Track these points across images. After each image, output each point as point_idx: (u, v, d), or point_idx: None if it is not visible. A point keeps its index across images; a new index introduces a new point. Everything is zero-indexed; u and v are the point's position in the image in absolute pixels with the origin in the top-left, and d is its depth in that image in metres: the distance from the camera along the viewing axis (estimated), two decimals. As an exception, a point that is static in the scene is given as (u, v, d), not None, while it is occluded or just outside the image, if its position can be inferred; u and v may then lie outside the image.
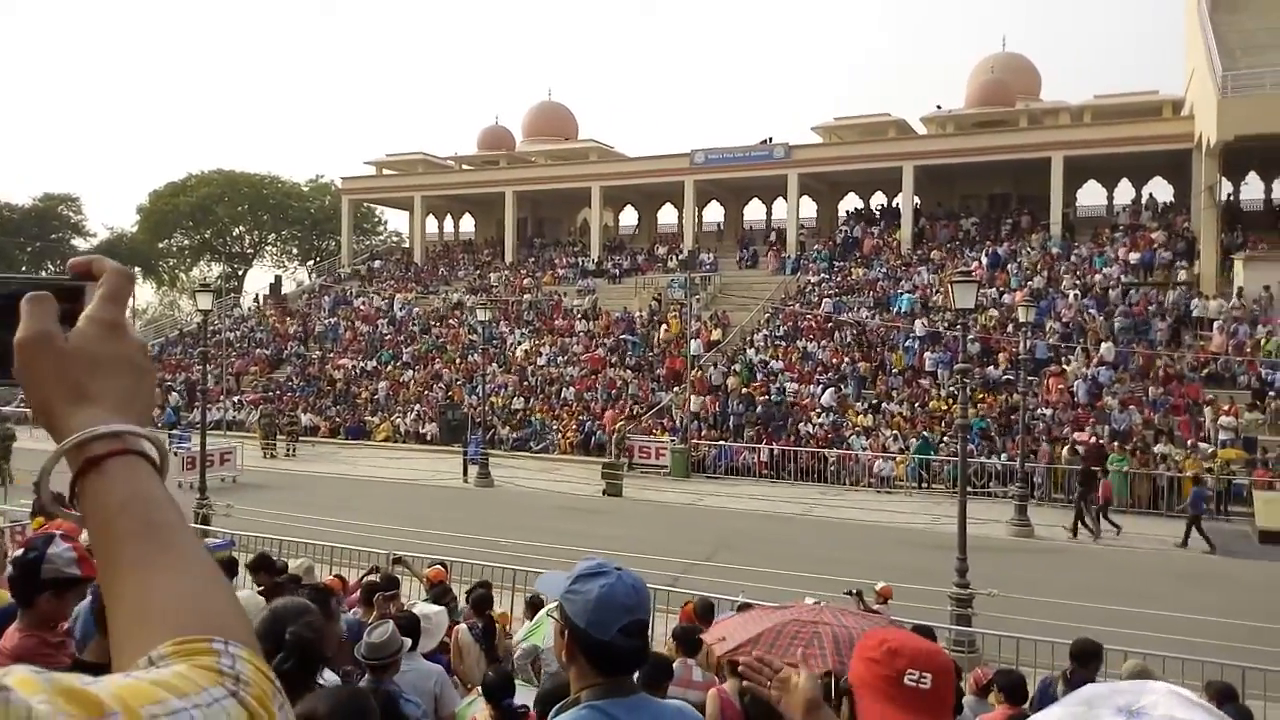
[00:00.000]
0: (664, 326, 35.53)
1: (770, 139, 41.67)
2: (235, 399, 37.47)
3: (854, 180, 42.83)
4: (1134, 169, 38.47)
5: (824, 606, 5.77)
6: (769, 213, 46.90)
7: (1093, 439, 23.13)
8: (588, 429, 30.21)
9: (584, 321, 38.28)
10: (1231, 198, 36.31)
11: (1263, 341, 26.28)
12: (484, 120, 70.77)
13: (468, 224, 54.42)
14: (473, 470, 25.73)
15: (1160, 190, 38.77)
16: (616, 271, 42.56)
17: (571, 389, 33.18)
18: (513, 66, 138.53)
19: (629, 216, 51.46)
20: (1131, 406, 24.94)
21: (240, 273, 64.64)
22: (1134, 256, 32.20)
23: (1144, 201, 38.19)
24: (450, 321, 41.15)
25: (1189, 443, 23.10)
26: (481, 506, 22.09)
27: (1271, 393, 24.27)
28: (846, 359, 30.74)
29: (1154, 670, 7.36)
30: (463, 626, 7.53)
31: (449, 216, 54.98)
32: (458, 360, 37.57)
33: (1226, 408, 23.64)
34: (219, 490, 20.73)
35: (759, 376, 30.73)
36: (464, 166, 52.52)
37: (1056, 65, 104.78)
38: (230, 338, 43.43)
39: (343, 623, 5.21)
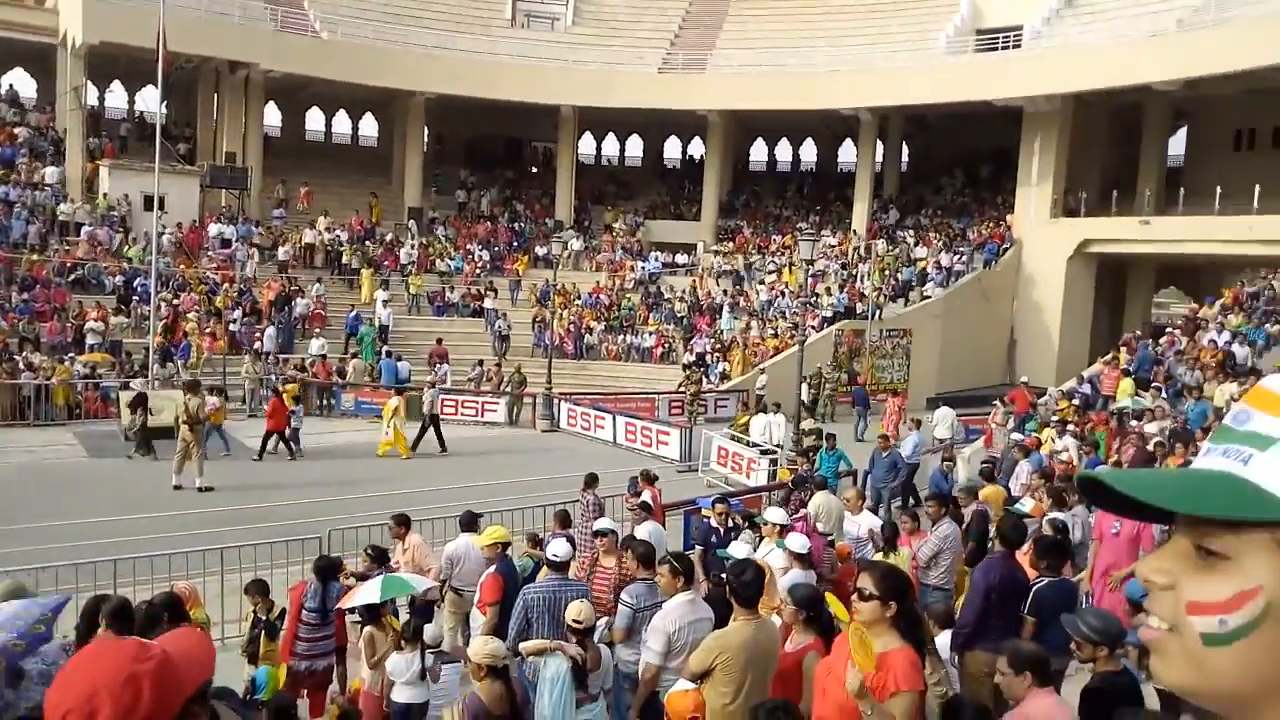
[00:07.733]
0: None
1: None
2: None
3: None
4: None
5: None
6: None
7: None
8: None
9: None
10: (98, 103, 36.35)
11: (127, 248, 27.44)
12: None
13: None
14: None
15: (24, 84, 36.28)
16: None
17: None
18: None
19: None
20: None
21: None
22: (-8, 150, 29.67)
23: (4, 93, 35.22)
24: None
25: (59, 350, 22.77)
26: None
27: (135, 298, 25.61)
28: None
29: (29, 583, 7.13)
30: None
31: None
32: None
33: (94, 313, 24.06)
34: None
35: None
36: None
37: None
38: None
39: None
